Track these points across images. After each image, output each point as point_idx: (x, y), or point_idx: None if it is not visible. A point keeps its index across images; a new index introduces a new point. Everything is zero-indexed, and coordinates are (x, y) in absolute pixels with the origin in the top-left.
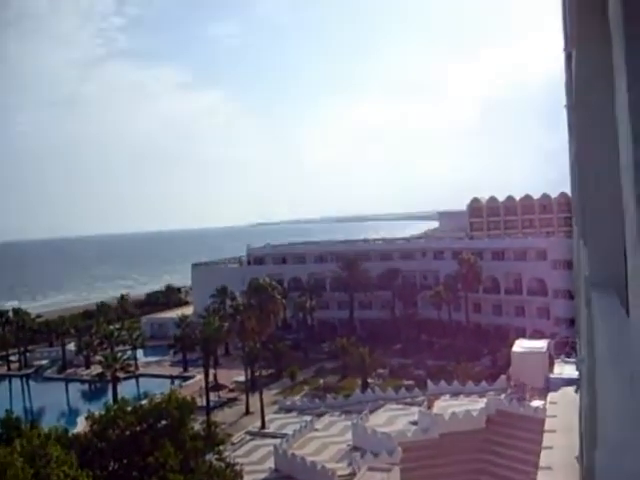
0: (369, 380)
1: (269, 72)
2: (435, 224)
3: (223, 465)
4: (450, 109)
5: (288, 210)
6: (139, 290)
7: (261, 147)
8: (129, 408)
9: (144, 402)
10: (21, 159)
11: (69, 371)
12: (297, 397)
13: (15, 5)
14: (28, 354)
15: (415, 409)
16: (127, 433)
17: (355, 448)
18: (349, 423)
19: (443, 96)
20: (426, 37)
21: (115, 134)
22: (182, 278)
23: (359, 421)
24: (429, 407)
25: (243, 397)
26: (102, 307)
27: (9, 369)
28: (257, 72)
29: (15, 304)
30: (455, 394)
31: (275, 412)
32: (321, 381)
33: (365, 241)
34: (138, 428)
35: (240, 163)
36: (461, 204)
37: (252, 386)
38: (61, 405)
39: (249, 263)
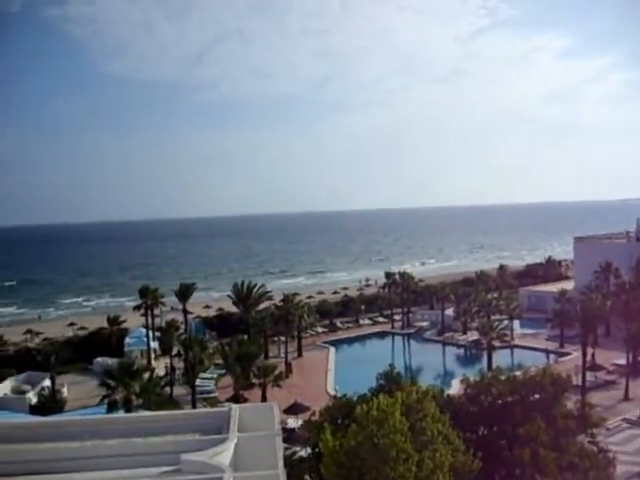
0: None
1: None
2: None
3: (595, 449)
4: None
5: None
6: (519, 261)
7: None
8: (502, 377)
9: (518, 373)
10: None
11: (447, 335)
12: None
13: None
14: (410, 315)
15: None
16: (499, 402)
17: None
18: None
19: None
20: None
21: (493, 106)
22: (563, 252)
23: None
24: None
25: (622, 381)
26: (481, 276)
27: (393, 327)
28: None
29: (405, 268)
30: None
31: None
32: None
33: None
34: (510, 398)
35: (627, 133)
36: None
37: (633, 371)
38: (437, 366)
39: (638, 239)
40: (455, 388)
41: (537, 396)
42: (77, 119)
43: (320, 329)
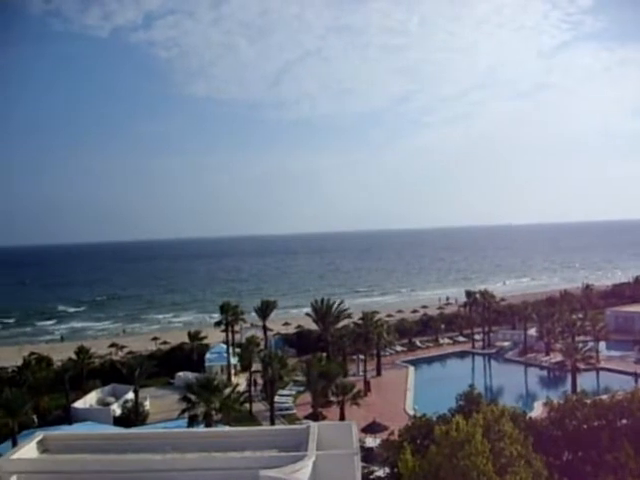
0: None
1: None
2: None
3: None
4: None
5: None
6: (607, 281)
7: None
8: (588, 401)
9: (604, 397)
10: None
11: (529, 355)
12: None
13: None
14: (491, 334)
15: None
16: (584, 426)
17: None
18: None
19: None
20: None
21: (578, 120)
22: None
23: None
24: None
25: None
26: (566, 295)
27: (473, 347)
28: None
29: (494, 286)
30: None
31: None
32: None
33: None
34: (596, 423)
35: None
36: None
37: None
38: (519, 387)
39: None
40: (538, 411)
41: (625, 421)
42: (162, 139)
43: (399, 348)
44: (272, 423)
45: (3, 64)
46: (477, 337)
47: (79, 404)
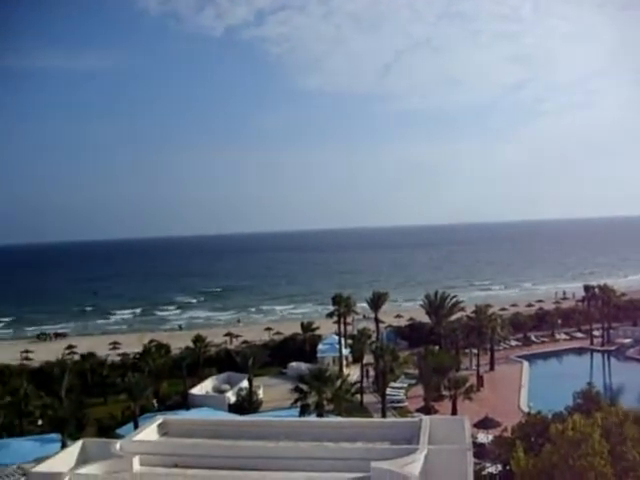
0: None
1: None
2: None
3: None
4: None
5: None
6: None
7: None
8: None
9: None
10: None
11: None
12: None
13: None
14: (611, 331)
15: None
16: None
17: None
18: None
19: None
20: None
21: None
22: None
23: None
24: None
25: None
26: None
27: (592, 343)
28: None
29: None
30: None
31: None
32: None
33: None
34: None
35: None
36: None
37: None
38: None
39: None
40: None
41: None
42: (278, 134)
43: (513, 342)
44: (383, 415)
45: (124, 65)
46: (596, 333)
47: (196, 390)
